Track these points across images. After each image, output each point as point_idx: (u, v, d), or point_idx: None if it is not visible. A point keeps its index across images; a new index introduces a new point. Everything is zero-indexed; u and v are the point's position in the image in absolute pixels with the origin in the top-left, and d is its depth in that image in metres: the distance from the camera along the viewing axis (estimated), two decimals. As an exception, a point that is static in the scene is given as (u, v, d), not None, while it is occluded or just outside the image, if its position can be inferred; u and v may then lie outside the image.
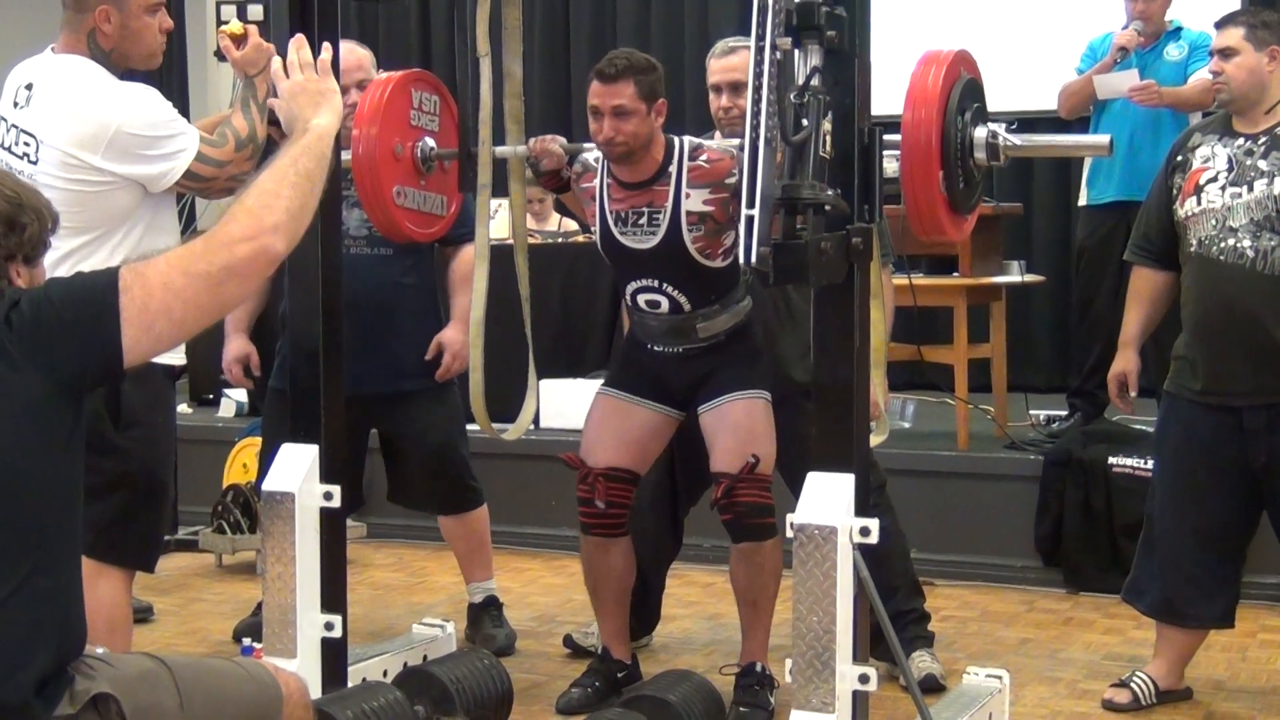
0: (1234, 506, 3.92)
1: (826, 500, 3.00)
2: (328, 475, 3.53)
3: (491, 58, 3.87)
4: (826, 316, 3.09)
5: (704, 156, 3.93)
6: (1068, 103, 6.11)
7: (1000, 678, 3.66)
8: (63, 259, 3.37)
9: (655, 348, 4.11)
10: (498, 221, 4.98)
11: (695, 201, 3.91)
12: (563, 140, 4.05)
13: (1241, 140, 3.87)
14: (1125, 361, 4.15)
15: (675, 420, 4.15)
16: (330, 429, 3.57)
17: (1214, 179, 3.85)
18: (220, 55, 3.68)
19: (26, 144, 3.46)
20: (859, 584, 3.01)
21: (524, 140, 4.01)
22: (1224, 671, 4.45)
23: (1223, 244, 3.80)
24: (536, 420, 6.16)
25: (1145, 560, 4.07)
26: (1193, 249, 3.87)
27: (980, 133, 3.10)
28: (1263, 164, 3.79)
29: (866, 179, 3.03)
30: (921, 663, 4.26)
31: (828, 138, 2.85)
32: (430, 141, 3.99)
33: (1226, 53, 3.89)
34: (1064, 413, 6.60)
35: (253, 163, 3.54)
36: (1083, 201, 6.14)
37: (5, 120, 3.52)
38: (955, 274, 6.06)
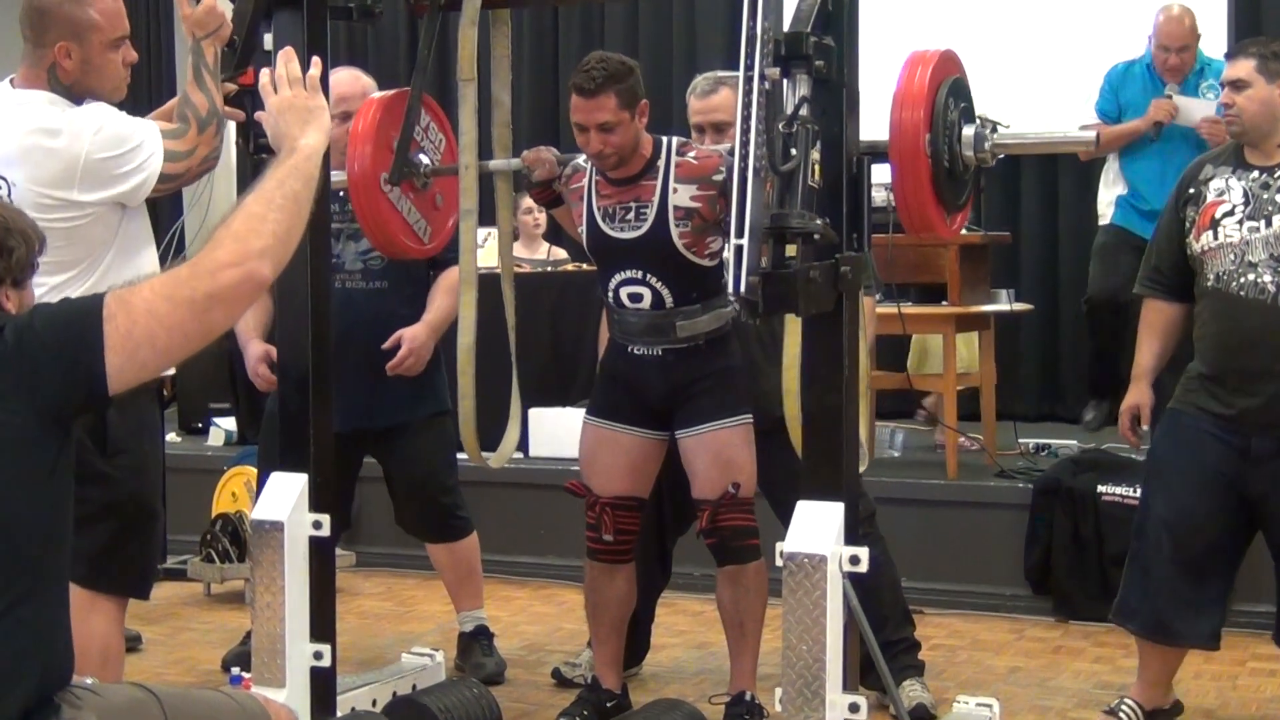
0: (1230, 528, 3.89)
1: (816, 529, 3.00)
2: (317, 504, 3.53)
3: (479, 85, 3.88)
4: (815, 345, 3.09)
5: (692, 153, 3.96)
6: (1099, 148, 5.87)
7: (990, 706, 3.66)
8: (49, 293, 3.37)
9: (634, 349, 4.07)
10: (486, 250, 4.99)
11: (683, 196, 3.91)
12: (554, 150, 4.06)
13: (1256, 173, 3.84)
14: (1139, 394, 4.10)
15: (662, 442, 4.14)
16: (319, 458, 3.56)
17: (1230, 213, 3.81)
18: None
19: None
20: (849, 612, 3.01)
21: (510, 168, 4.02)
22: (1214, 700, 4.44)
23: (1242, 279, 3.77)
24: (526, 449, 6.16)
25: (1134, 579, 4.03)
26: (1210, 284, 3.84)
27: (969, 130, 3.12)
28: (1279, 196, 3.78)
29: (855, 208, 3.04)
30: (912, 692, 4.25)
31: (816, 167, 2.86)
32: (425, 157, 3.99)
33: (1238, 85, 3.87)
34: (1053, 441, 6.62)
35: (219, 137, 3.49)
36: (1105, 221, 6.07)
37: None
38: (944, 302, 6.07)
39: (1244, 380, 3.81)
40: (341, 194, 4.12)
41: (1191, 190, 3.94)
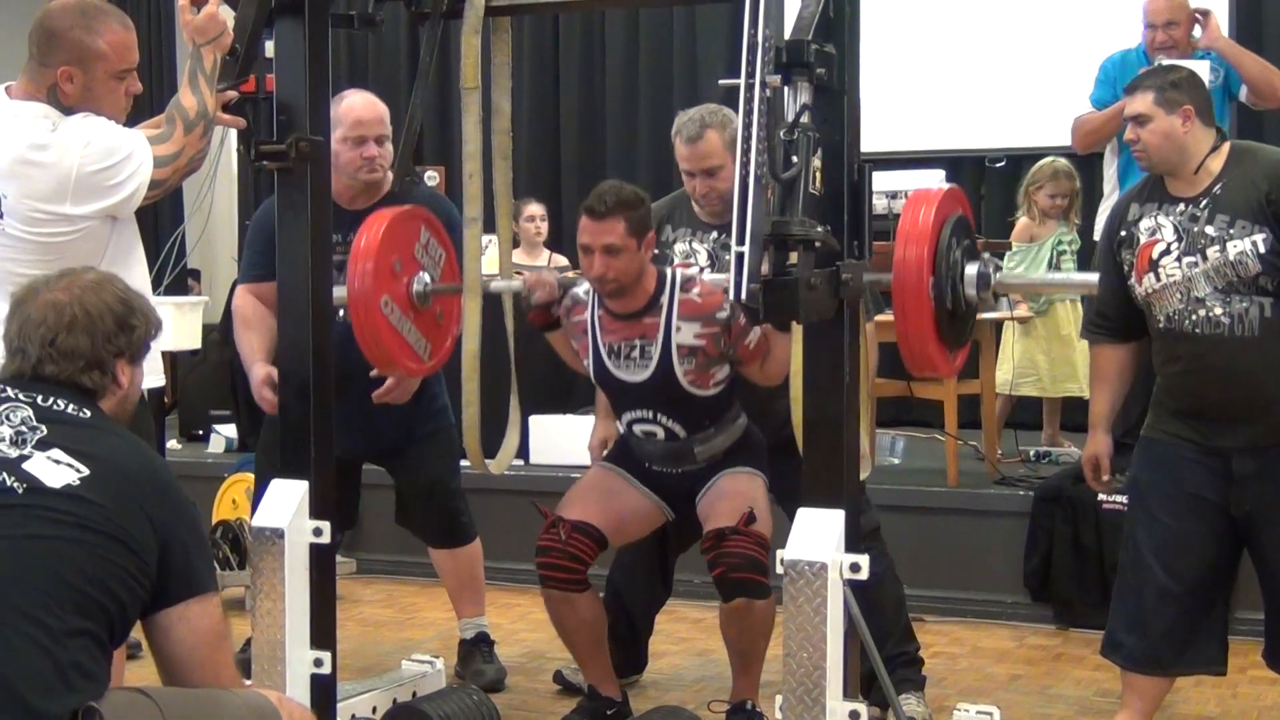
0: (1219, 552, 3.83)
1: (816, 536, 3.00)
2: (318, 511, 3.53)
3: (480, 92, 3.88)
4: (815, 353, 3.09)
5: (695, 290, 3.95)
6: (1086, 139, 5.88)
7: (991, 714, 3.65)
8: None
9: (654, 468, 4.14)
10: (488, 257, 4.99)
11: (686, 335, 3.93)
12: (555, 273, 4.07)
13: (1182, 205, 3.75)
14: (1098, 444, 3.99)
15: (664, 516, 4.19)
16: (320, 464, 3.56)
17: (1167, 251, 3.73)
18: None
19: None
20: (849, 620, 3.01)
21: (511, 174, 4.01)
22: (1215, 709, 4.44)
23: (1194, 316, 3.70)
24: (526, 456, 6.16)
25: (1122, 611, 3.95)
26: (1162, 325, 3.77)
27: (971, 269, 3.10)
28: (1210, 229, 3.68)
29: (856, 215, 3.04)
30: (907, 705, 4.21)
31: (817, 174, 2.86)
32: (426, 276, 3.97)
33: (1139, 120, 3.77)
34: (1054, 449, 6.63)
35: (206, 140, 3.48)
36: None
37: None
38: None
39: (1219, 417, 3.74)
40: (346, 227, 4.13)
41: (1123, 233, 3.84)
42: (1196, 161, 3.75)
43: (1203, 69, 5.41)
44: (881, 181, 5.55)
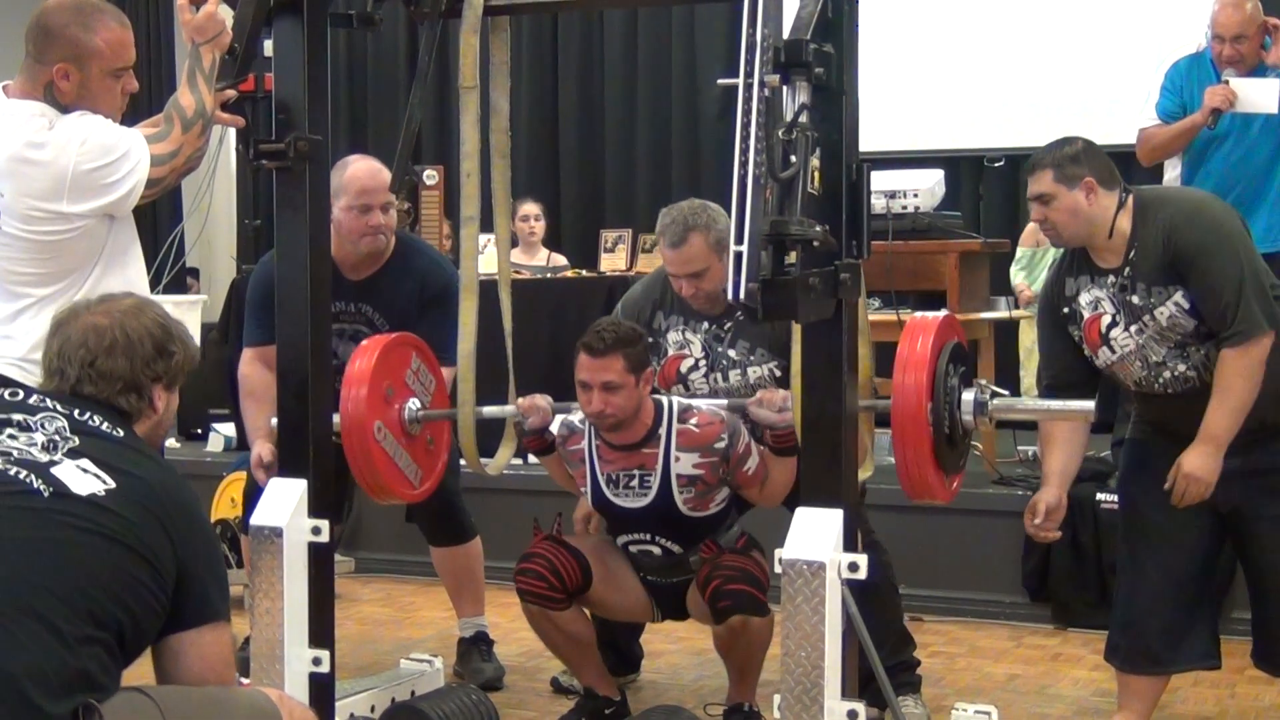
0: (1208, 547, 3.85)
1: (815, 535, 3.00)
2: (316, 510, 3.53)
3: (479, 91, 3.88)
4: (814, 352, 3.09)
5: (693, 420, 3.97)
6: (1154, 153, 5.60)
7: (989, 714, 3.65)
8: (36, 304, 3.38)
9: (648, 577, 4.17)
10: (486, 256, 4.99)
11: (685, 465, 3.96)
12: (549, 399, 4.05)
13: (1111, 278, 3.74)
14: (1048, 494, 3.88)
15: (649, 614, 4.25)
16: (319, 463, 3.56)
17: (1114, 323, 3.73)
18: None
19: None
20: (847, 620, 3.01)
21: (509, 173, 4.01)
22: (1213, 708, 4.44)
23: (1161, 379, 3.72)
24: (525, 455, 6.16)
25: (1118, 614, 3.97)
26: (1133, 389, 3.80)
27: (968, 395, 3.12)
28: (1135, 299, 3.69)
29: (854, 215, 3.04)
30: (905, 708, 4.20)
31: (815, 174, 2.86)
32: (416, 403, 3.95)
33: (1043, 199, 3.74)
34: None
35: (204, 139, 3.47)
36: None
37: None
38: (943, 309, 6.06)
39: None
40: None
41: (1065, 310, 3.84)
42: (1106, 228, 3.72)
43: (1272, 88, 5.29)
44: (880, 181, 5.55)
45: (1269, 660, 3.94)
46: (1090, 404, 3.44)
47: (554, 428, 4.10)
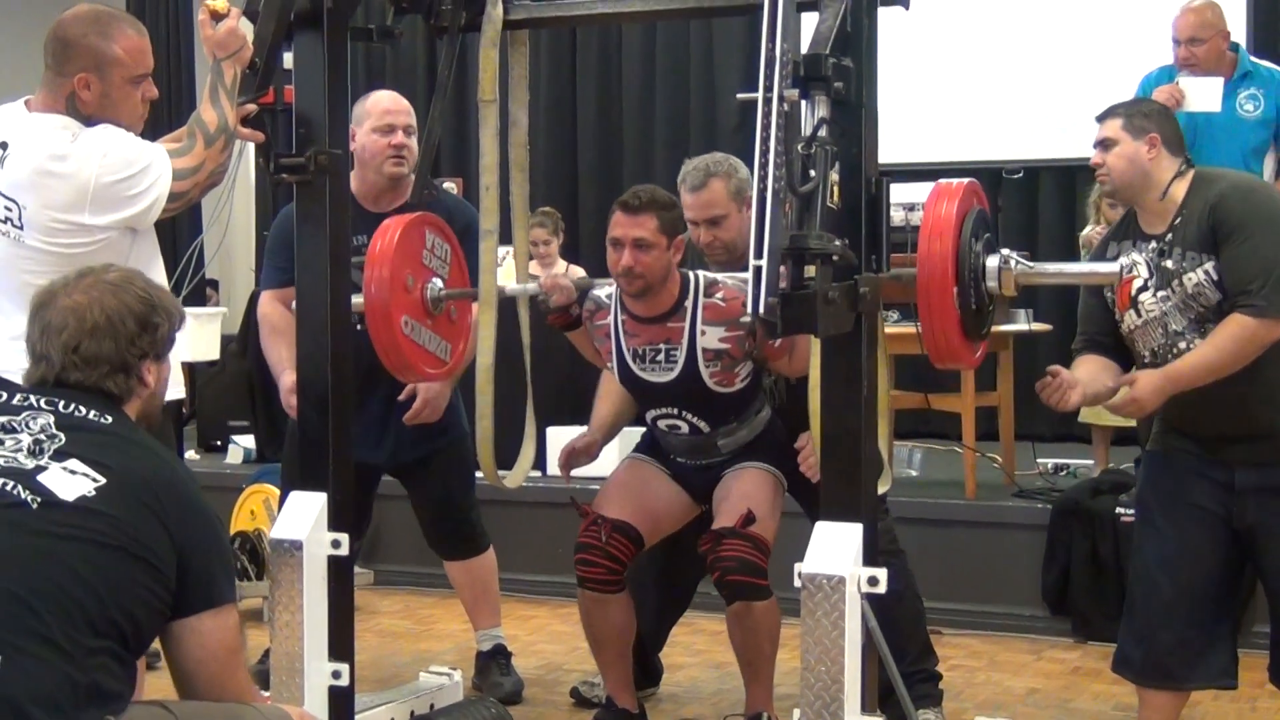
0: (1225, 563, 3.81)
1: (834, 549, 3.00)
2: (336, 523, 3.54)
3: (498, 105, 3.88)
4: (833, 366, 3.09)
5: (720, 294, 3.97)
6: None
7: (1008, 728, 3.65)
8: None
9: (678, 459, 4.17)
10: (504, 269, 4.99)
11: (711, 339, 3.96)
12: (573, 277, 4.08)
13: (1153, 244, 3.75)
14: (1070, 374, 3.76)
15: (694, 509, 4.21)
16: (338, 476, 3.57)
17: (1144, 287, 3.75)
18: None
19: (8, 208, 3.38)
20: (867, 634, 3.01)
21: (528, 186, 4.02)
22: (1233, 722, 4.43)
23: (1175, 349, 3.71)
24: (543, 468, 6.16)
25: (1132, 627, 3.92)
26: (1146, 360, 3.79)
27: (992, 261, 3.12)
28: (1169, 264, 3.69)
29: (874, 229, 3.04)
30: (924, 719, 4.21)
31: (835, 188, 2.87)
32: (439, 283, 3.97)
33: (1106, 144, 3.79)
34: (1072, 461, 6.60)
35: (227, 154, 3.48)
36: None
37: None
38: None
39: (1217, 437, 3.74)
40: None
41: None
42: (1160, 189, 3.74)
43: (1215, 87, 5.46)
44: (899, 193, 5.54)
45: None
46: (1115, 267, 3.47)
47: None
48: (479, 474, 4.30)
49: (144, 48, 3.52)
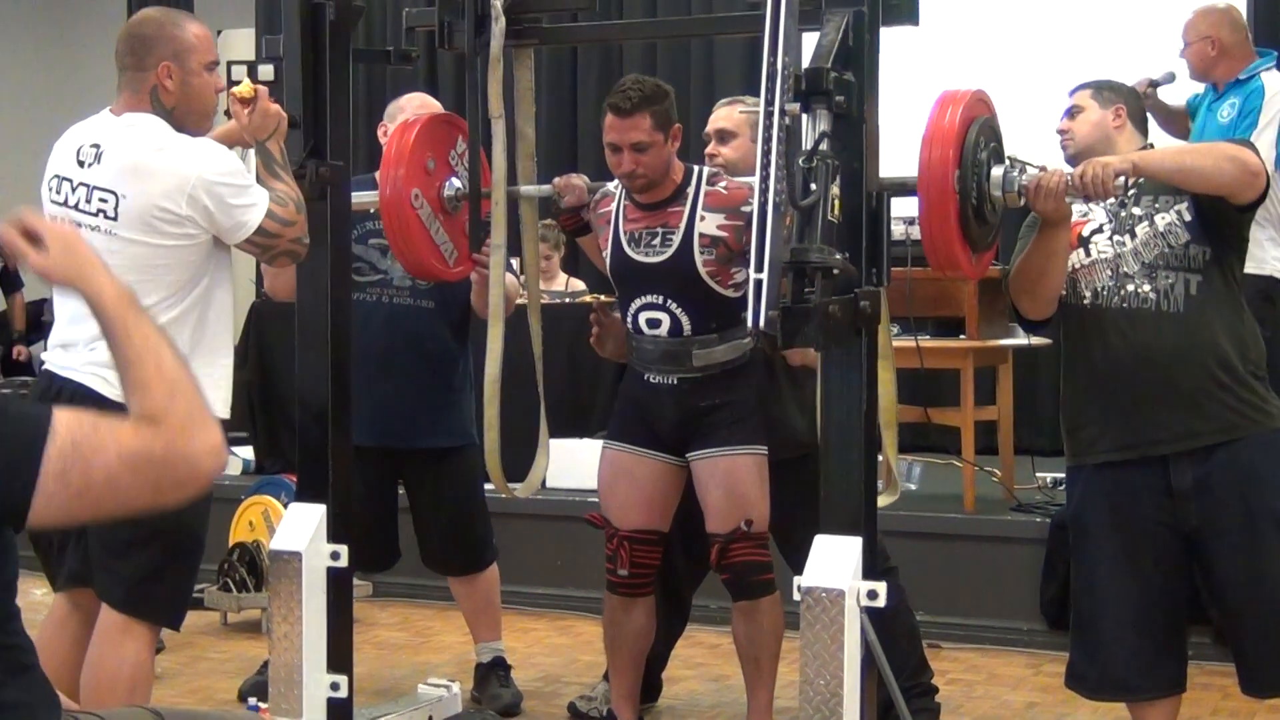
0: (1168, 572, 3.70)
1: (834, 563, 3.01)
2: (335, 535, 3.54)
3: (505, 120, 3.89)
4: (834, 379, 3.10)
5: (722, 184, 3.98)
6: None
7: (1007, 742, 3.64)
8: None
9: (650, 377, 4.08)
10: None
11: (710, 225, 3.93)
12: (586, 179, 4.08)
13: (1109, 200, 3.70)
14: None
15: (681, 469, 4.13)
16: (338, 489, 3.57)
17: (1099, 230, 3.74)
18: (230, 115, 3.63)
19: (103, 200, 3.40)
20: (866, 647, 3.01)
21: (536, 201, 4.03)
22: (1232, 737, 4.43)
23: (1122, 291, 3.68)
24: (544, 480, 6.16)
25: (1080, 643, 3.86)
26: (1087, 301, 3.72)
27: (997, 171, 3.14)
28: (1137, 210, 3.70)
29: (875, 243, 3.05)
30: (922, 736, 4.20)
31: (836, 202, 2.88)
32: (457, 182, 3.98)
33: (1073, 111, 3.86)
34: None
35: (304, 227, 3.49)
36: None
37: (70, 180, 3.46)
38: (962, 336, 6.06)
39: (1148, 405, 3.65)
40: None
41: None
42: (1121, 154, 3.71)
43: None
44: (900, 207, 5.55)
45: (1256, 682, 3.82)
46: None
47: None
48: (488, 486, 4.30)
49: (210, 36, 3.60)
